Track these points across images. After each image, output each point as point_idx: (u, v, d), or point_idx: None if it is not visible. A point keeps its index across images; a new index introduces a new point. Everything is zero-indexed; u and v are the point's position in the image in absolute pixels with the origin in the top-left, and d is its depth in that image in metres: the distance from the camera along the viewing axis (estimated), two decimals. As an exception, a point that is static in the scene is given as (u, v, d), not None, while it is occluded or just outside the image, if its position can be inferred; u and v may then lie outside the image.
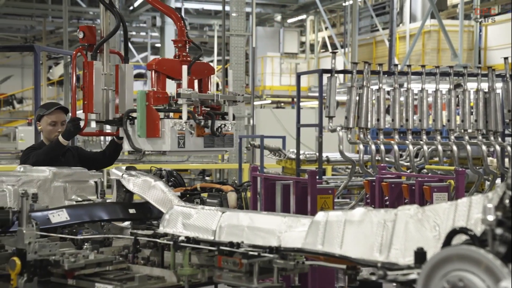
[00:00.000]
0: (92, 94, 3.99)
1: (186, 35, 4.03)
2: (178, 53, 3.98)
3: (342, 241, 2.60)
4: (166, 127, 3.66)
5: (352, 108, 7.18)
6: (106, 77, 4.07)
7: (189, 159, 17.16)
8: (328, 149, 9.45)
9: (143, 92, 3.70)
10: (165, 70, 3.83)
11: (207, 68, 4.13)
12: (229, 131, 3.94)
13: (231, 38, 14.09)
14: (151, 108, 3.68)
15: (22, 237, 2.87)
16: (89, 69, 4.00)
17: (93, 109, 4.01)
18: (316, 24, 26.06)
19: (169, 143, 3.65)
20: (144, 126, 3.68)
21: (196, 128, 3.75)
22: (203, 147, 3.82)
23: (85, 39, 4.10)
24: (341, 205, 8.50)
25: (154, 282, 2.95)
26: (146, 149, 3.73)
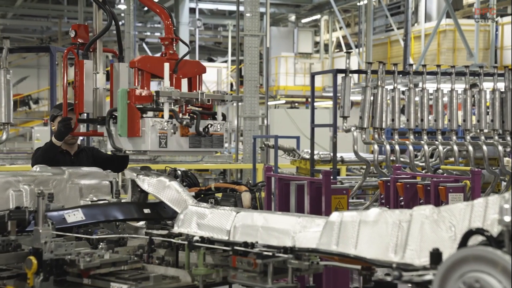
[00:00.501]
0: (82, 94, 3.92)
1: (173, 33, 3.91)
2: (165, 51, 3.87)
3: (356, 241, 2.59)
4: (147, 126, 3.54)
5: (367, 108, 7.16)
6: (99, 76, 3.98)
7: (203, 159, 17.21)
8: (342, 149, 9.42)
9: (124, 90, 3.60)
10: (149, 68, 3.72)
11: (197, 67, 4.02)
12: (218, 131, 3.82)
13: (245, 38, 14.09)
14: (132, 106, 3.57)
15: (38, 237, 2.89)
16: (79, 68, 3.92)
17: (83, 109, 3.93)
18: (331, 24, 26.00)
19: (149, 142, 3.54)
20: (125, 125, 3.56)
21: (179, 128, 3.64)
22: (188, 147, 3.70)
23: (77, 38, 4.00)
24: (355, 205, 8.47)
25: (168, 281, 2.96)
26: (127, 149, 3.62)
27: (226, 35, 27.88)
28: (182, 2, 23.14)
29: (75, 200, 3.78)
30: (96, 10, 4.08)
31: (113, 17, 4.00)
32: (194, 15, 24.44)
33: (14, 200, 3.48)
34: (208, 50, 32.56)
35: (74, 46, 4.01)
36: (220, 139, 3.85)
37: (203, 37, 29.58)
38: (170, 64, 3.75)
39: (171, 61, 3.79)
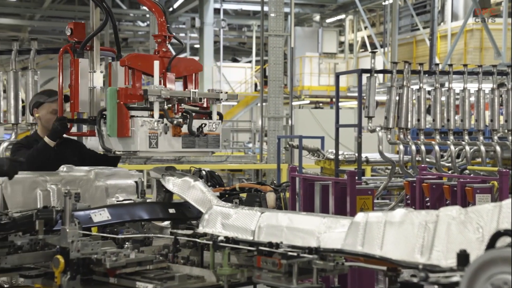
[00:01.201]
0: (77, 93, 3.81)
1: (167, 31, 3.77)
2: (157, 49, 3.74)
3: (382, 242, 2.57)
4: (136, 125, 3.43)
5: (392, 108, 7.12)
6: (96, 75, 3.87)
7: (227, 159, 17.25)
8: (367, 150, 9.37)
9: (114, 89, 3.49)
10: (139, 66, 3.60)
11: (192, 65, 3.88)
12: (214, 131, 3.71)
13: (270, 39, 14.09)
14: (122, 106, 3.45)
15: (65, 236, 2.92)
16: (75, 67, 3.82)
17: (78, 108, 3.82)
18: (355, 23, 25.89)
19: (138, 142, 3.43)
20: (114, 125, 3.45)
21: (171, 128, 3.53)
22: (180, 147, 3.59)
23: (73, 36, 3.91)
24: (380, 206, 8.43)
25: (193, 281, 2.97)
26: (117, 149, 3.52)
27: (251, 35, 27.92)
28: (206, 3, 23.24)
29: (101, 200, 3.81)
30: (93, 8, 3.98)
31: (110, 14, 3.90)
32: (219, 16, 24.52)
33: (42, 199, 3.52)
34: (233, 51, 32.64)
35: (70, 44, 3.92)
36: (216, 139, 3.73)
37: (228, 38, 29.66)
38: (164, 62, 3.66)
39: (164, 59, 3.68)
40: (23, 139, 4.44)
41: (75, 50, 3.85)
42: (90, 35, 3.86)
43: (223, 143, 17.02)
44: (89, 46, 3.88)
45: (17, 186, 3.46)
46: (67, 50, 3.96)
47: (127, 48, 29.15)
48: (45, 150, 4.01)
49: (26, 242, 3.14)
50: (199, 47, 24.73)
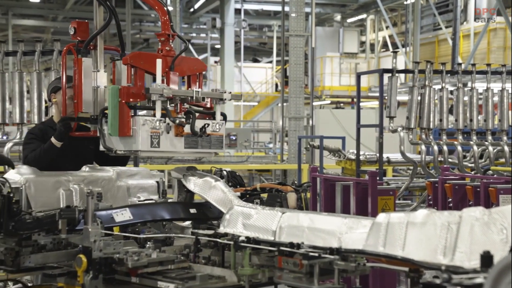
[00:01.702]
0: (81, 93, 3.76)
1: (171, 29, 3.72)
2: (161, 48, 3.71)
3: (404, 243, 2.55)
4: (137, 124, 3.38)
5: (414, 108, 7.07)
6: (99, 75, 3.82)
7: (248, 159, 17.26)
8: (388, 150, 9.32)
9: (115, 87, 3.44)
10: (142, 65, 3.56)
11: (196, 64, 3.83)
12: (217, 131, 3.67)
13: (290, 39, 14.07)
14: (123, 104, 3.40)
15: (87, 235, 2.94)
16: (78, 66, 3.77)
17: (82, 108, 3.77)
18: (377, 23, 25.77)
19: (140, 142, 3.37)
20: (116, 124, 3.40)
21: (174, 127, 3.47)
22: (183, 147, 3.53)
23: (76, 35, 3.85)
24: (402, 206, 8.38)
25: (215, 281, 2.97)
26: (118, 149, 3.47)
27: (271, 35, 27.91)
28: (227, 3, 23.27)
29: (123, 200, 3.83)
30: (97, 7, 3.92)
31: (113, 13, 3.86)
32: (240, 16, 24.55)
33: (65, 199, 3.55)
34: (253, 51, 32.65)
35: (73, 44, 3.88)
36: (220, 140, 3.69)
37: (248, 38, 29.68)
38: (167, 61, 3.63)
39: (167, 58, 3.64)
40: (36, 127, 4.38)
41: (79, 50, 3.82)
42: (94, 34, 3.82)
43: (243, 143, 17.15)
44: (92, 45, 3.84)
45: (40, 186, 3.49)
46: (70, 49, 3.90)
47: (149, 49, 29.29)
48: (51, 150, 3.97)
49: (49, 241, 3.18)
50: (220, 48, 24.78)
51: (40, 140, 4.13)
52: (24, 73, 6.09)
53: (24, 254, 3.08)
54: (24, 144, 4.20)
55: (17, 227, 3.08)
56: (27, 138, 4.24)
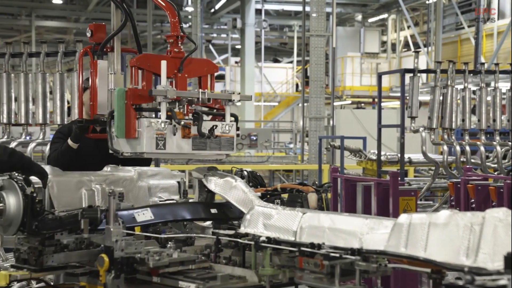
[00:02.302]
0: (96, 95, 3.77)
1: (180, 30, 3.69)
2: (170, 49, 3.67)
3: (426, 244, 2.53)
4: (142, 126, 3.37)
5: (436, 108, 7.02)
6: (115, 77, 3.81)
7: (268, 159, 17.26)
8: (410, 150, 9.26)
9: (122, 89, 3.43)
10: (149, 67, 3.55)
11: (207, 66, 3.80)
12: (227, 133, 3.62)
13: (311, 39, 14.05)
14: (129, 106, 3.39)
15: (109, 235, 2.96)
16: (94, 68, 3.78)
17: (97, 110, 3.78)
18: (398, 23, 25.62)
19: (144, 144, 3.36)
20: (122, 126, 3.39)
21: (180, 129, 3.44)
22: (190, 149, 3.50)
23: (93, 38, 3.86)
24: (423, 207, 8.32)
25: (235, 281, 2.97)
26: (125, 151, 3.46)
27: (292, 35, 27.90)
28: (248, 3, 23.30)
29: (144, 200, 3.85)
30: (114, 9, 3.92)
31: (129, 16, 3.83)
32: (260, 16, 24.57)
33: (87, 199, 3.58)
34: (274, 51, 32.65)
35: (90, 46, 3.88)
36: (230, 141, 3.64)
37: (269, 38, 29.69)
38: (176, 62, 3.61)
39: (176, 59, 3.62)
40: (65, 126, 4.45)
41: (95, 52, 3.83)
42: (109, 36, 3.82)
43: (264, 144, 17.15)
44: (109, 47, 3.84)
45: (63, 186, 3.52)
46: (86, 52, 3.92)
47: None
48: (68, 152, 4.02)
49: (72, 241, 3.20)
50: (240, 48, 24.82)
51: (65, 139, 4.21)
52: (47, 74, 6.15)
53: (47, 254, 3.11)
54: (51, 143, 4.31)
55: (40, 227, 3.11)
56: (54, 137, 4.33)
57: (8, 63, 6.07)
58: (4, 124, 5.95)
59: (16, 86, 5.98)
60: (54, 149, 4.18)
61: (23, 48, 6.08)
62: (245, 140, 16.89)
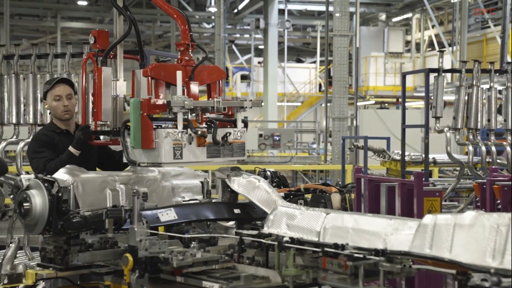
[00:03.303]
0: (100, 102, 3.77)
1: (190, 38, 3.72)
2: (180, 57, 3.68)
3: (451, 245, 2.51)
4: (160, 137, 3.40)
5: (461, 108, 6.95)
6: (119, 83, 3.84)
7: (291, 160, 17.25)
8: (434, 151, 9.18)
9: (137, 100, 3.46)
10: (162, 76, 3.58)
11: (216, 72, 3.83)
12: (239, 139, 3.66)
13: (334, 39, 13.99)
14: (145, 117, 3.42)
15: (134, 235, 2.98)
16: (98, 75, 3.78)
17: (101, 117, 3.79)
18: (423, 22, 25.41)
19: (163, 154, 3.39)
20: (138, 137, 3.42)
21: (195, 138, 3.48)
22: (205, 157, 3.55)
23: (96, 44, 3.87)
24: (448, 208, 8.24)
25: (259, 281, 2.97)
26: (142, 161, 3.48)
27: (315, 35, 27.82)
28: (271, 4, 23.29)
29: (167, 200, 3.87)
30: (117, 16, 3.93)
31: (133, 22, 3.86)
32: (283, 16, 24.54)
33: (111, 199, 3.60)
34: (297, 51, 32.60)
35: (94, 53, 3.90)
36: (242, 147, 3.68)
37: (292, 38, 29.66)
38: (187, 70, 3.63)
39: (187, 67, 3.65)
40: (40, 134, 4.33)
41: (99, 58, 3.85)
42: (113, 43, 3.85)
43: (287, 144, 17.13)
44: (112, 54, 3.86)
45: (88, 185, 3.55)
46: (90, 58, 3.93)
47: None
48: (71, 160, 3.94)
49: (97, 240, 3.23)
50: (263, 48, 24.82)
51: (49, 147, 4.11)
52: (72, 75, 6.20)
53: (72, 253, 3.14)
54: (34, 153, 4.12)
55: (65, 226, 3.14)
56: (35, 147, 4.16)
57: (34, 64, 6.14)
58: (30, 125, 6.01)
59: (41, 87, 6.04)
60: (46, 159, 4.04)
61: (48, 49, 6.14)
62: (268, 140, 16.90)
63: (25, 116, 6.02)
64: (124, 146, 3.54)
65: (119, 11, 3.88)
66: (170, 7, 3.82)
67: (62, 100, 4.23)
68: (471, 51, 18.44)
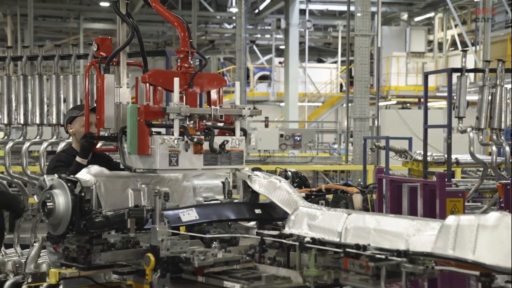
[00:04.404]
0: (103, 109, 3.79)
1: (190, 46, 3.72)
2: (180, 64, 3.69)
3: (475, 246, 2.48)
4: (156, 143, 3.41)
5: (484, 108, 6.89)
6: (122, 90, 3.85)
7: (312, 160, 17.20)
8: (457, 151, 9.09)
9: (134, 106, 3.46)
10: (161, 83, 3.57)
11: (216, 80, 3.82)
12: (237, 147, 3.65)
13: (356, 39, 13.93)
14: (142, 123, 3.43)
15: (155, 235, 3.00)
16: (100, 82, 3.80)
17: (104, 124, 3.80)
18: (445, 21, 25.19)
19: (158, 160, 3.40)
20: (134, 143, 3.42)
21: (192, 145, 3.48)
22: (202, 165, 3.54)
23: (99, 51, 3.88)
24: (471, 209, 8.16)
25: (280, 282, 2.97)
26: (138, 167, 3.48)
27: (336, 35, 27.73)
28: (292, 4, 23.26)
29: (189, 200, 3.89)
30: (120, 23, 3.94)
31: (136, 29, 3.87)
32: (304, 17, 24.49)
33: (133, 198, 3.62)
34: (318, 51, 32.52)
35: (97, 60, 3.91)
36: (240, 155, 3.66)
37: (313, 38, 29.58)
38: (186, 78, 3.63)
39: (186, 75, 3.65)
40: (61, 155, 4.48)
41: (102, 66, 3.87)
42: (116, 50, 3.86)
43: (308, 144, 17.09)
44: (115, 61, 3.88)
45: (110, 185, 3.58)
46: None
47: (214, 50, 29.64)
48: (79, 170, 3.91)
49: (119, 240, 3.25)
50: (284, 48, 24.80)
51: (66, 167, 4.17)
52: (95, 76, 6.25)
53: (94, 252, 3.17)
54: (51, 170, 4.22)
55: (88, 226, 3.17)
56: (53, 165, 4.26)
57: (57, 65, 6.20)
58: (54, 125, 6.07)
59: (64, 88, 6.10)
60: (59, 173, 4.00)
61: (71, 50, 6.20)
62: (289, 140, 16.87)
63: (49, 117, 6.07)
64: (121, 152, 3.55)
65: (121, 18, 3.89)
66: (171, 14, 3.81)
67: (91, 127, 4.28)
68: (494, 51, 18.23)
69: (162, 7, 3.83)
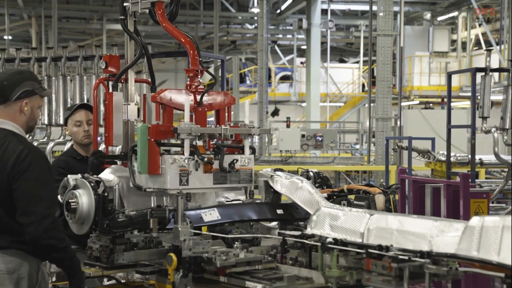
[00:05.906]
0: (111, 126, 3.80)
1: (200, 64, 3.70)
2: (189, 83, 3.67)
3: (499, 247, 2.46)
4: (166, 163, 3.38)
5: (509, 108, 6.81)
6: (130, 108, 3.85)
7: (334, 160, 17.15)
8: (481, 151, 9.00)
9: (145, 126, 3.45)
10: (171, 102, 3.56)
11: (225, 98, 3.79)
12: (246, 166, 3.62)
13: (378, 38, 13.87)
14: (153, 143, 3.41)
15: (177, 234, 3.01)
16: (109, 100, 3.81)
17: (112, 142, 3.80)
18: (469, 20, 24.95)
19: (169, 180, 3.37)
20: (145, 163, 3.40)
21: (202, 164, 3.46)
22: (212, 184, 3.51)
23: (108, 69, 3.88)
24: (496, 210, 8.07)
25: (302, 282, 2.97)
26: (148, 187, 3.44)
27: (358, 35, 27.62)
28: (314, 4, 23.23)
29: (211, 200, 3.89)
30: (128, 40, 3.95)
31: (144, 47, 3.87)
32: (326, 16, 24.44)
33: (155, 199, 3.64)
34: (340, 51, 32.42)
35: (105, 78, 3.90)
36: (249, 174, 3.64)
37: (335, 38, 29.50)
38: (196, 96, 3.62)
39: (196, 93, 3.64)
40: (60, 160, 4.43)
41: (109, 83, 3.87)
42: (124, 68, 3.86)
43: (330, 144, 17.03)
44: (123, 78, 3.88)
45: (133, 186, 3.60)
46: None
47: (235, 51, 29.68)
48: None
49: (141, 240, 3.27)
50: (306, 48, 24.76)
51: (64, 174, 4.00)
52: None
53: (117, 252, 3.19)
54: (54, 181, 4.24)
55: (111, 226, 3.19)
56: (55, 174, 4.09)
57: (81, 65, 6.26)
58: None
59: (88, 88, 6.15)
60: None
61: (95, 51, 6.25)
62: (310, 140, 16.85)
63: (72, 117, 6.12)
64: (131, 171, 3.53)
65: (130, 36, 3.88)
66: (180, 33, 3.78)
67: (83, 125, 4.38)
68: (519, 50, 18.01)
69: (172, 25, 3.80)
